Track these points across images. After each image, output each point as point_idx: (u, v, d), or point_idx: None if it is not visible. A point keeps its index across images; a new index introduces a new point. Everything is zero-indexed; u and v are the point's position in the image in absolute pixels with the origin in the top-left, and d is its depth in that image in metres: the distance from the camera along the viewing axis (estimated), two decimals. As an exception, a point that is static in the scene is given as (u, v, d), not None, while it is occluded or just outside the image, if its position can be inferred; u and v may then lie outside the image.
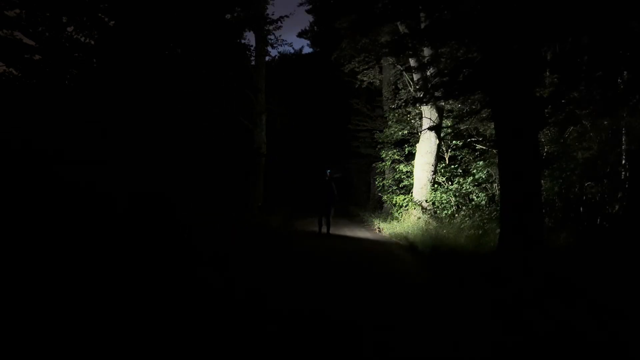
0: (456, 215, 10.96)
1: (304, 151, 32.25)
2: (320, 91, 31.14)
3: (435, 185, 12.50)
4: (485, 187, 11.46)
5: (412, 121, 14.66)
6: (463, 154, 12.96)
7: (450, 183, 12.56)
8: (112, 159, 7.66)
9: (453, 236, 8.91)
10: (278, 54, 44.22)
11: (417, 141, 13.30)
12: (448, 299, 5.23)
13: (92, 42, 8.25)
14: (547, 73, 7.84)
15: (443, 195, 11.90)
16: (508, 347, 3.61)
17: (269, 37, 17.96)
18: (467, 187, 11.58)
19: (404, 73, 15.00)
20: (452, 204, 11.66)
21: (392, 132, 15.62)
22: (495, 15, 6.03)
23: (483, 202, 10.94)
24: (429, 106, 12.24)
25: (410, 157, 14.87)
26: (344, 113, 26.80)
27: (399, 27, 12.33)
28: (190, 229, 8.65)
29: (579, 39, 6.11)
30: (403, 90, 16.21)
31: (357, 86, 22.82)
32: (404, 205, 13.32)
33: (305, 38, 34.20)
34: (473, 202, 11.26)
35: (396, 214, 13.88)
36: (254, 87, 16.97)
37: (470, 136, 12.42)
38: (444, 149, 13.47)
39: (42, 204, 6.26)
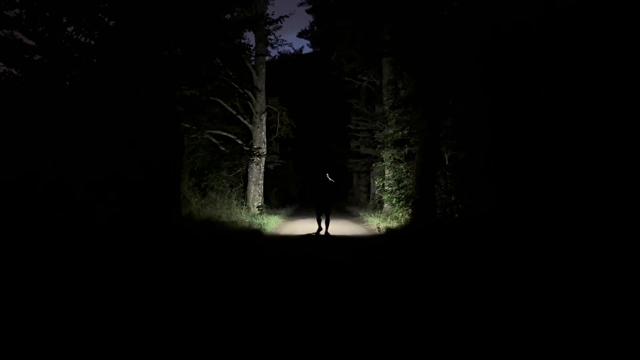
0: (456, 215, 10.95)
1: (303, 151, 32.26)
2: (320, 91, 31.13)
3: (436, 186, 12.45)
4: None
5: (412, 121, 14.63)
6: (463, 154, 12.93)
7: (450, 184, 12.54)
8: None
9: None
10: (278, 54, 44.20)
11: (417, 141, 13.27)
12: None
13: (92, 42, 8.23)
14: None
15: (443, 195, 11.88)
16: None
17: (269, 37, 17.98)
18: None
19: (404, 73, 14.98)
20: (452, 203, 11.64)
21: (392, 132, 15.60)
22: None
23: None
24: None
25: (410, 157, 14.85)
26: (344, 113, 26.82)
27: (399, 27, 12.31)
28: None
29: None
30: (403, 90, 16.20)
31: (357, 86, 22.86)
32: (404, 205, 13.30)
33: (305, 38, 34.25)
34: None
35: (396, 214, 13.87)
36: (253, 87, 16.98)
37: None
38: (443, 149, 13.42)
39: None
